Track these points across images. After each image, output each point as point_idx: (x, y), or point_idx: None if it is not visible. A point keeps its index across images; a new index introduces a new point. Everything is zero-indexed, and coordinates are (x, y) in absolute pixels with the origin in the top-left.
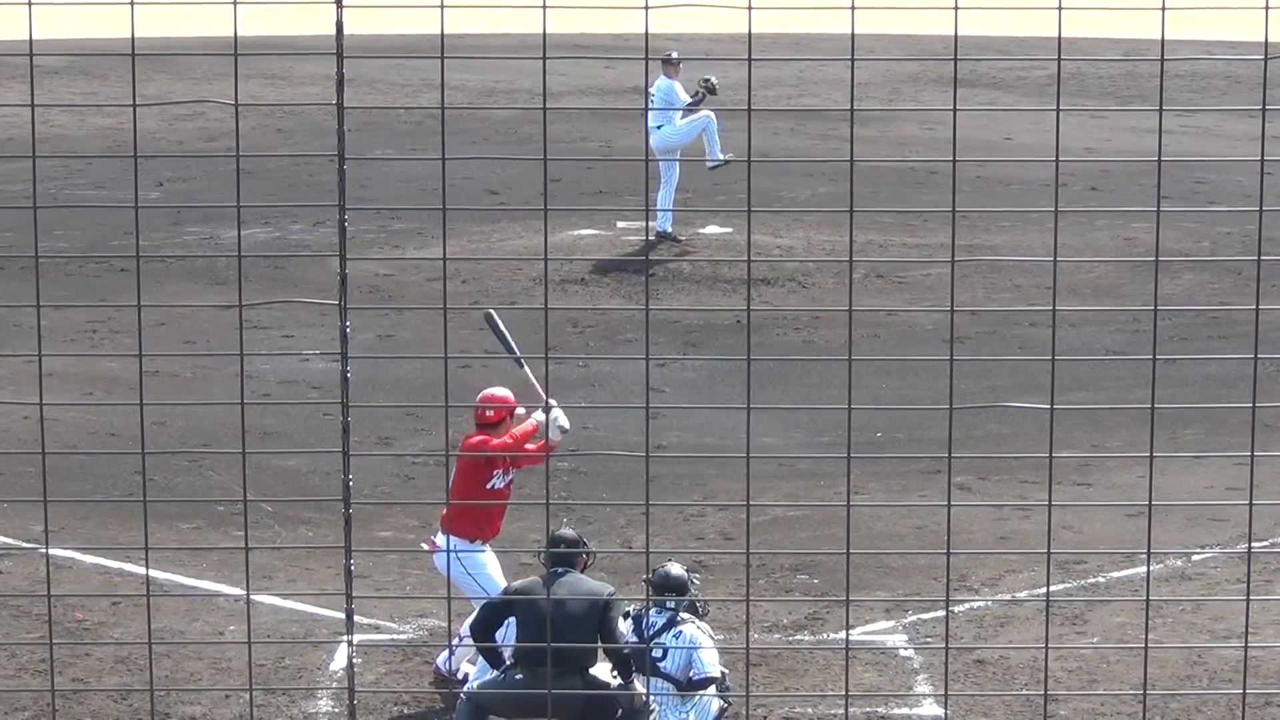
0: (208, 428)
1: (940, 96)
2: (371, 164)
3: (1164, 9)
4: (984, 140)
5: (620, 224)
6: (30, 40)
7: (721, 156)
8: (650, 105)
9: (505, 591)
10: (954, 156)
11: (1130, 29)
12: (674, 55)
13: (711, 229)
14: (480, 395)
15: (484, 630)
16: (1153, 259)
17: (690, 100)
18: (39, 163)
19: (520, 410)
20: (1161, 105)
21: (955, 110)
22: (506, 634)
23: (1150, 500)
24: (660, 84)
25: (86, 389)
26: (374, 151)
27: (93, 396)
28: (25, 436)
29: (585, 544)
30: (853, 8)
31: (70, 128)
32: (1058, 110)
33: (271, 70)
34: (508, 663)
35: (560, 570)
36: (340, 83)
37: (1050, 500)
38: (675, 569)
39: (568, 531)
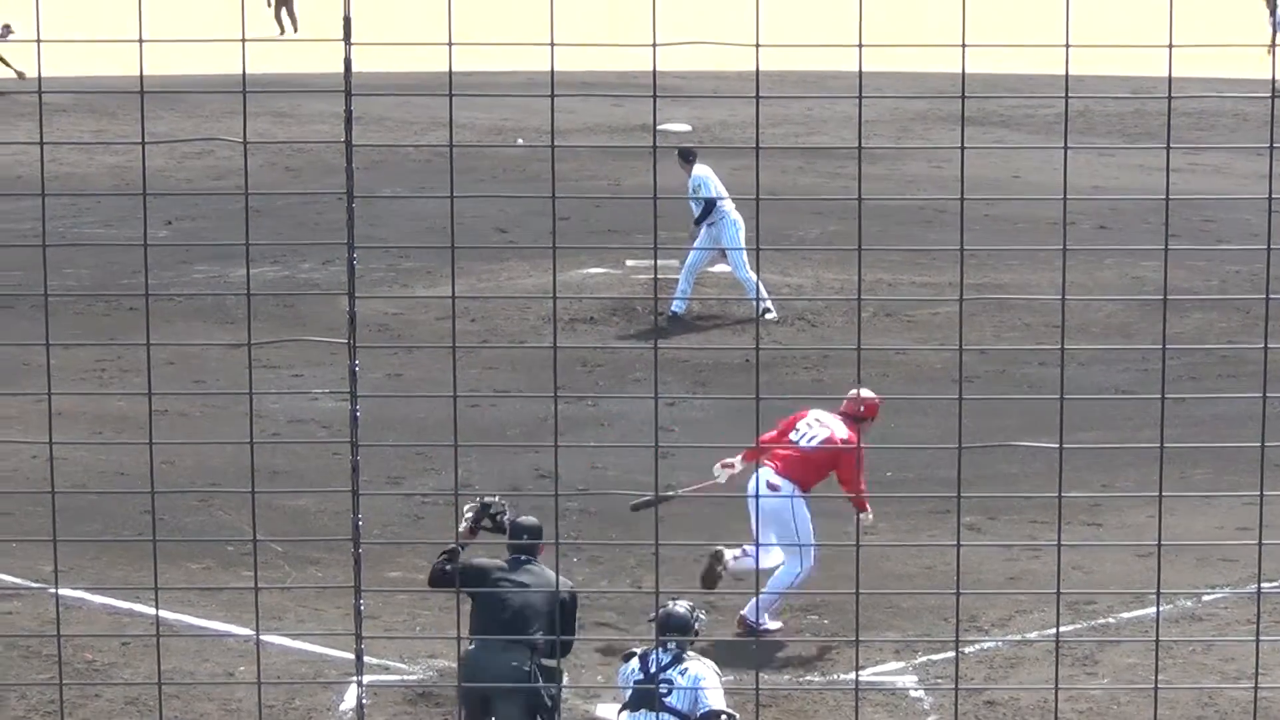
0: (217, 467)
1: (948, 134)
2: (380, 202)
3: (1171, 46)
4: (992, 178)
5: (629, 262)
6: (39, 78)
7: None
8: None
9: (468, 567)
10: (962, 195)
11: (1138, 67)
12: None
13: (720, 268)
14: (855, 393)
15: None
16: (1161, 297)
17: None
18: (48, 201)
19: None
20: (1169, 143)
21: (963, 148)
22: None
23: (1160, 540)
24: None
25: (95, 428)
26: (383, 189)
27: (102, 436)
28: (34, 476)
29: (542, 534)
30: (860, 45)
31: (79, 165)
32: (1065, 148)
33: (280, 108)
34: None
35: (522, 558)
36: (349, 120)
37: (1060, 540)
38: (679, 607)
39: (529, 520)
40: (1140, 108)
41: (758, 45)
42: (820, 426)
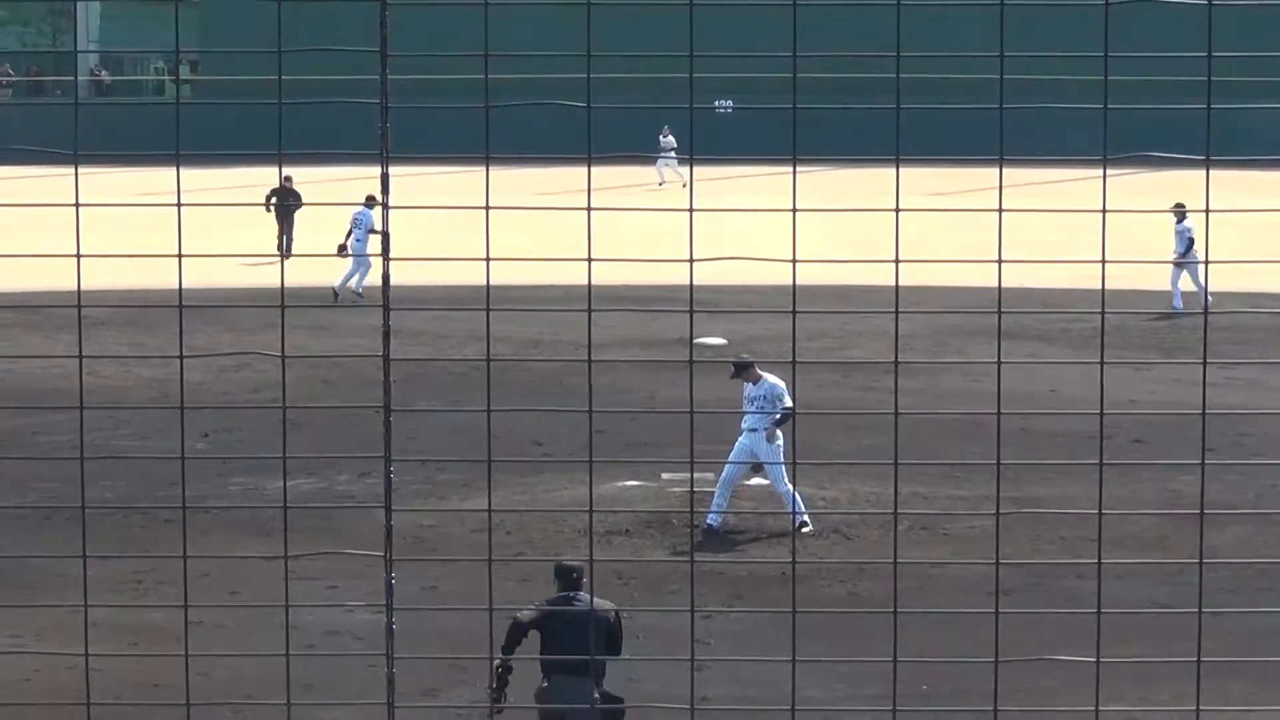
0: (252, 679)
1: (984, 349)
2: (417, 415)
3: (1207, 262)
4: (1028, 392)
5: (665, 475)
6: (78, 291)
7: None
8: (756, 408)
9: (525, 623)
10: (998, 409)
11: None
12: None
13: (756, 481)
14: None
15: (507, 648)
16: (1198, 511)
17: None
18: (86, 413)
19: None
20: (1205, 358)
21: (999, 363)
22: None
23: None
24: (766, 387)
25: (131, 639)
26: (419, 402)
27: (137, 647)
28: (70, 687)
29: (584, 572)
30: (896, 260)
31: (116, 378)
32: (1101, 363)
33: (318, 321)
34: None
35: (570, 593)
36: (386, 334)
37: None
38: None
39: (572, 561)
40: (1176, 322)
41: (794, 260)
42: None
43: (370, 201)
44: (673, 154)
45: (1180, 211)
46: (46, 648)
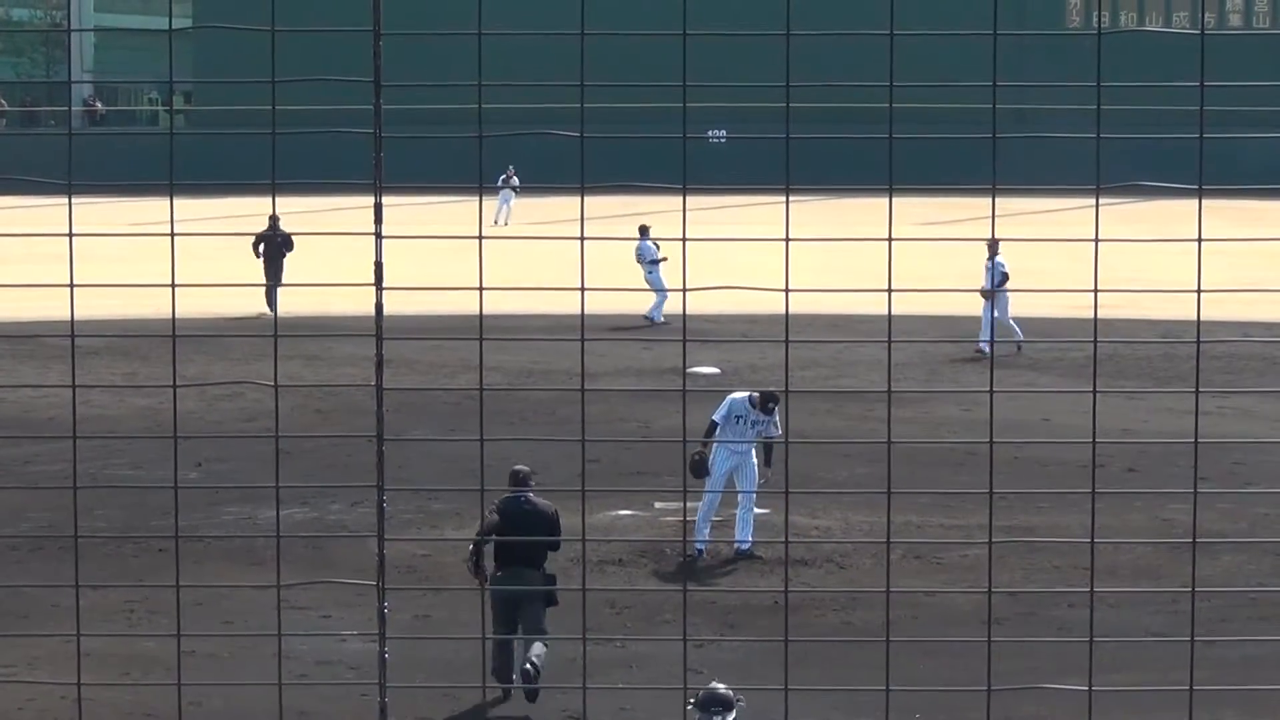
0: (245, 708)
1: (978, 377)
2: (410, 445)
3: (1199, 291)
4: (1021, 421)
5: (658, 504)
6: (71, 320)
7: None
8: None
9: (492, 509)
10: (991, 438)
11: (1167, 311)
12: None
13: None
14: None
15: (482, 541)
16: (1191, 540)
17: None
18: (79, 443)
19: None
20: (1199, 387)
21: (992, 391)
22: None
23: None
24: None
25: (124, 669)
26: (412, 431)
27: (130, 677)
28: (63, 717)
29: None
30: (889, 290)
31: (110, 408)
32: (1094, 392)
33: (310, 351)
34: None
35: (520, 493)
36: (379, 364)
37: None
38: (720, 688)
39: (523, 467)
40: (1169, 351)
41: (787, 290)
42: None
43: (643, 231)
44: (513, 194)
45: (993, 246)
46: (39, 677)
